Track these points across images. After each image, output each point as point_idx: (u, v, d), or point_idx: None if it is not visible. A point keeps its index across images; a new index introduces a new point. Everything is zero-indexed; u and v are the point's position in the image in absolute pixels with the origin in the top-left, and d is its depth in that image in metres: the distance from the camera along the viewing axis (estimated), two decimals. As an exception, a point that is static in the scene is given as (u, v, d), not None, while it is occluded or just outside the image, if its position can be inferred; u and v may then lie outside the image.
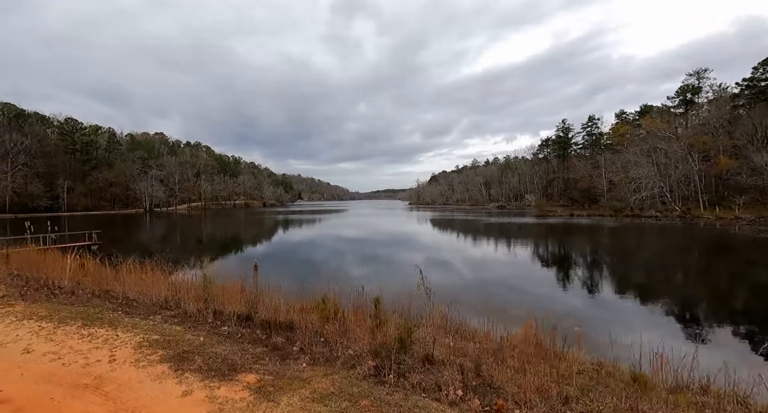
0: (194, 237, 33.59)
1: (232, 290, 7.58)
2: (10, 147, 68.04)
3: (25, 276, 7.93)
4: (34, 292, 6.79)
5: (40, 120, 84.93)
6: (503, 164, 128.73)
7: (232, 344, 4.00)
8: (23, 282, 7.42)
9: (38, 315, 5.04)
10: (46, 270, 9.51)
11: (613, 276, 14.66)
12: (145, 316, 5.12)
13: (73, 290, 6.80)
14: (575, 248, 22.55)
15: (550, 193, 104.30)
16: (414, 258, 18.34)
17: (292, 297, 7.85)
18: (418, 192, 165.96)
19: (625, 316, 9.48)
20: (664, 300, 11.05)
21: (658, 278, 14.10)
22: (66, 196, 77.47)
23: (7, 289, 6.87)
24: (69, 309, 5.46)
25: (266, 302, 6.94)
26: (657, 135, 50.71)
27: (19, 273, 8.38)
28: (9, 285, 7.22)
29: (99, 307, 5.58)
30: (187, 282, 8.80)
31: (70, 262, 9.71)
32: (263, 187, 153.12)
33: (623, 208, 47.60)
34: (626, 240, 25.36)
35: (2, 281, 7.64)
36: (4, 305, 5.76)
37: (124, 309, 5.47)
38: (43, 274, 8.62)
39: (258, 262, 6.82)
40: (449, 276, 14.00)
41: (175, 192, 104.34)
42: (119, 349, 3.81)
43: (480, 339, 4.83)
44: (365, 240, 26.54)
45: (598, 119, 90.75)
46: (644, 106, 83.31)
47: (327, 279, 13.00)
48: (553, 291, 12.17)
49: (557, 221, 42.58)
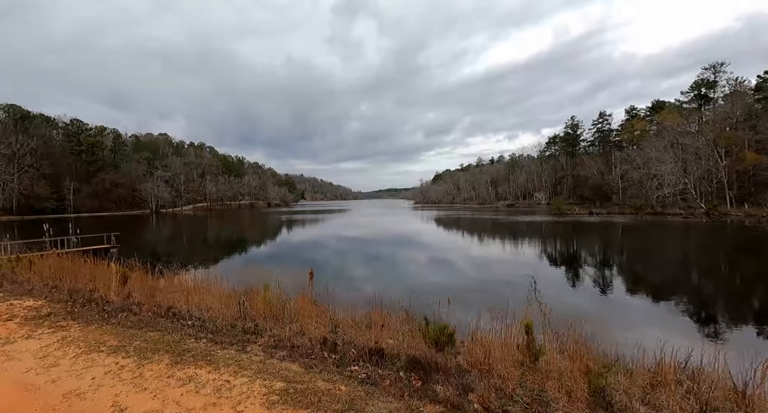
0: (213, 239, 32.65)
1: (301, 304, 6.58)
2: (16, 149, 67.33)
3: (65, 288, 6.95)
4: (81, 308, 5.80)
5: (46, 121, 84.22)
6: (510, 162, 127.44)
7: (386, 396, 2.98)
8: (66, 296, 6.43)
9: (107, 345, 4.04)
10: (82, 279, 8.53)
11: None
12: (240, 347, 4.11)
13: (127, 306, 5.80)
14: (650, 253, 20.59)
15: (559, 190, 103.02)
16: (462, 264, 17.30)
17: (358, 311, 6.86)
18: (424, 191, 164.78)
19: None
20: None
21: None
22: (72, 197, 76.77)
23: (50, 305, 5.88)
24: (139, 334, 4.46)
25: (342, 320, 5.95)
26: (677, 130, 49.44)
27: (56, 283, 7.40)
28: (50, 299, 6.23)
29: (174, 332, 4.57)
30: (241, 292, 7.82)
31: (116, 271, 8.73)
32: (268, 187, 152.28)
33: (644, 206, 46.38)
34: (676, 242, 23.88)
35: (40, 293, 6.66)
36: (54, 327, 4.77)
37: (206, 335, 4.47)
38: (81, 284, 7.64)
39: (289, 266, 5.84)
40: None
41: (181, 193, 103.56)
42: (245, 408, 2.79)
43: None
44: (394, 242, 25.28)
45: (609, 115, 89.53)
46: (656, 102, 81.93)
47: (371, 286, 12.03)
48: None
49: (580, 219, 41.38)
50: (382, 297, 6.94)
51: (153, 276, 9.96)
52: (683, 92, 73.01)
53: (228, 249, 24.62)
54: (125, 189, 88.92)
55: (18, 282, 7.84)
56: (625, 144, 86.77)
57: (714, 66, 66.03)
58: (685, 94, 72.85)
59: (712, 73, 66.27)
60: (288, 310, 5.81)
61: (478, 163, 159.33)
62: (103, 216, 66.83)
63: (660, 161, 43.20)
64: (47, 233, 15.92)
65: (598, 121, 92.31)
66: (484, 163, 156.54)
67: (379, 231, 33.52)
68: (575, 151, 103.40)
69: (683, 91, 72.89)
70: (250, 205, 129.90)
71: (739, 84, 62.28)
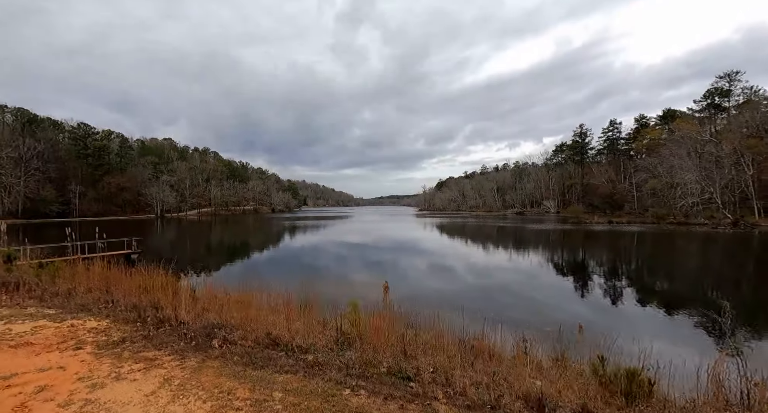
0: (233, 245, 31.49)
1: (377, 324, 5.40)
2: (23, 152, 66.62)
3: (123, 303, 5.84)
4: (156, 331, 4.71)
5: (53, 125, 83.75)
6: (517, 170, 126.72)
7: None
8: (129, 314, 5.33)
9: (239, 397, 2.92)
10: (134, 291, 7.44)
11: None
12: (411, 397, 3.00)
13: (210, 330, 4.70)
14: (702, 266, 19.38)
15: (568, 198, 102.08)
16: (509, 277, 16.20)
17: (447, 336, 5.73)
18: (429, 198, 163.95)
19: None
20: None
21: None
22: (77, 201, 75.78)
23: (117, 326, 4.78)
24: (266, 377, 3.35)
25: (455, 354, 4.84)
26: (696, 138, 48.66)
27: (109, 297, 6.29)
28: (113, 318, 5.12)
29: (310, 375, 3.46)
30: (330, 312, 6.74)
31: (186, 286, 7.64)
32: (272, 193, 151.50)
33: (665, 215, 45.31)
34: (728, 255, 22.61)
35: (96, 309, 5.54)
36: (141, 361, 3.67)
37: (355, 381, 3.36)
38: (135, 298, 6.53)
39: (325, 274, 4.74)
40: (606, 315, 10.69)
41: (186, 197, 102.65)
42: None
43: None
44: (432, 253, 23.94)
45: (619, 123, 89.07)
46: (667, 111, 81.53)
47: (435, 301, 10.88)
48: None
49: (604, 228, 40.24)
50: (470, 317, 5.80)
51: (192, 286, 8.88)
52: (696, 101, 72.66)
53: (254, 256, 23.38)
54: (131, 193, 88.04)
55: (62, 294, 6.74)
56: (633, 153, 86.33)
57: (729, 74, 65.70)
58: (697, 103, 72.50)
59: (727, 81, 65.90)
60: (410, 340, 4.71)
61: (483, 171, 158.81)
62: (108, 221, 65.69)
63: (684, 169, 42.24)
64: (69, 237, 14.84)
65: (609, 129, 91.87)
66: (488, 170, 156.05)
67: (412, 240, 32.30)
68: (583, 159, 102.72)
69: (696, 100, 72.53)
70: (254, 211, 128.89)
71: (754, 93, 61.88)
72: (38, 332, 4.41)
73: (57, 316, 5.12)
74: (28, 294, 7.10)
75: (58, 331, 4.46)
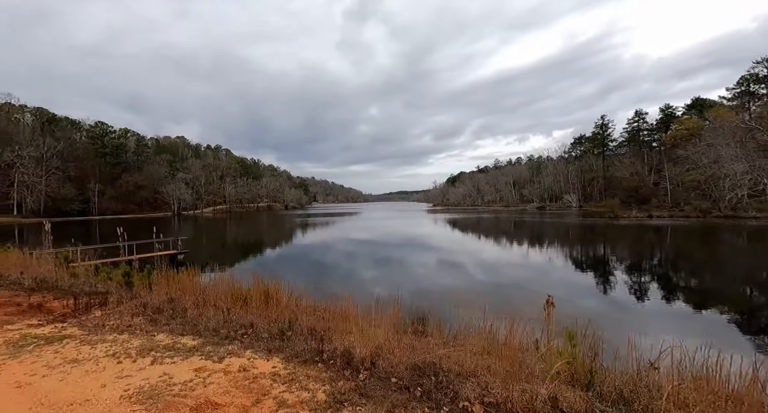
0: (265, 243, 30.38)
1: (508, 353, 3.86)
2: (44, 151, 66.61)
3: (265, 329, 4.49)
4: (363, 382, 3.36)
5: (71, 124, 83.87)
6: (533, 163, 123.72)
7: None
8: (304, 347, 3.97)
9: None
10: (225, 299, 6.14)
11: None
12: None
13: (419, 379, 3.32)
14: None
15: (589, 192, 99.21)
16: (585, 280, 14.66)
17: None
18: (443, 192, 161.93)
19: None
20: None
21: None
22: (96, 199, 75.85)
23: (298, 369, 3.42)
24: None
25: None
26: (739, 126, 45.99)
27: (232, 317, 4.95)
28: (285, 356, 3.77)
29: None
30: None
31: (289, 295, 6.29)
32: (284, 190, 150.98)
33: (710, 209, 42.94)
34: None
35: (229, 332, 4.21)
36: None
37: None
38: (255, 316, 5.20)
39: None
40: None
41: (201, 195, 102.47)
42: None
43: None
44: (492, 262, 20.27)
45: (645, 113, 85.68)
46: (696, 99, 78.22)
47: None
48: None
49: (653, 224, 38.17)
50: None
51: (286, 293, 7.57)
52: (729, 88, 69.58)
53: (297, 256, 21.84)
54: (148, 191, 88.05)
55: (165, 310, 5.44)
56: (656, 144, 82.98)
57: (766, 60, 62.37)
58: (730, 91, 69.40)
59: (765, 67, 62.56)
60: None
61: (496, 165, 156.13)
62: (127, 219, 65.46)
63: (733, 160, 39.78)
64: (122, 237, 13.66)
65: (634, 120, 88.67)
66: (501, 164, 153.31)
67: (482, 250, 30.79)
68: (605, 151, 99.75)
69: (728, 87, 69.46)
70: (267, 207, 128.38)
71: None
72: (208, 381, 3.07)
73: (204, 350, 3.78)
74: (119, 308, 5.82)
75: (232, 380, 3.11)
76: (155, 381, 3.05)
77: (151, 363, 3.39)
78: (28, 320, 5.07)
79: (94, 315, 5.50)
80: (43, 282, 7.64)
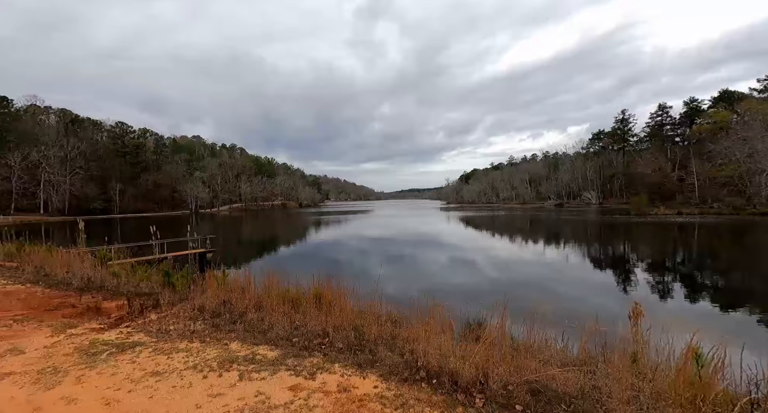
0: (284, 241, 30.38)
1: None
2: (68, 151, 68.51)
3: (340, 338, 4.15)
4: (473, 401, 2.97)
5: (93, 125, 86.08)
6: (550, 159, 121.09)
7: None
8: (393, 360, 3.61)
9: None
10: (279, 304, 5.82)
11: None
12: None
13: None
14: None
15: (609, 189, 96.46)
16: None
17: None
18: (456, 190, 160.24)
19: None
20: None
21: None
22: (118, 198, 77.74)
23: (398, 388, 3.06)
24: None
25: None
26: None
27: (301, 324, 4.63)
28: (379, 370, 3.41)
29: None
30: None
31: (342, 296, 5.95)
32: (298, 188, 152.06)
33: (743, 206, 40.98)
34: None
35: (301, 340, 3.88)
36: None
37: None
38: (316, 324, 4.88)
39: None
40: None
41: (218, 193, 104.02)
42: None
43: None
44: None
45: (670, 107, 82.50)
46: (723, 92, 74.87)
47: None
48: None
49: (688, 221, 36.46)
50: None
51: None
52: (760, 80, 66.25)
53: (322, 255, 21.21)
54: (166, 190, 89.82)
55: (223, 314, 5.17)
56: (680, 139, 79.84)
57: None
58: (761, 82, 66.07)
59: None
60: None
61: (510, 161, 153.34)
62: (149, 217, 66.85)
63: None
64: (155, 235, 13.68)
65: (657, 114, 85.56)
66: (516, 160, 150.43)
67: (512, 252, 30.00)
68: (625, 147, 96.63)
69: (760, 79, 66.15)
70: (282, 205, 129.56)
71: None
72: (310, 403, 2.73)
73: (287, 363, 3.45)
74: (173, 310, 5.59)
75: (336, 403, 2.76)
76: (252, 401, 2.73)
77: (239, 379, 3.07)
78: (88, 323, 4.87)
79: (151, 319, 5.27)
80: (90, 282, 7.53)
